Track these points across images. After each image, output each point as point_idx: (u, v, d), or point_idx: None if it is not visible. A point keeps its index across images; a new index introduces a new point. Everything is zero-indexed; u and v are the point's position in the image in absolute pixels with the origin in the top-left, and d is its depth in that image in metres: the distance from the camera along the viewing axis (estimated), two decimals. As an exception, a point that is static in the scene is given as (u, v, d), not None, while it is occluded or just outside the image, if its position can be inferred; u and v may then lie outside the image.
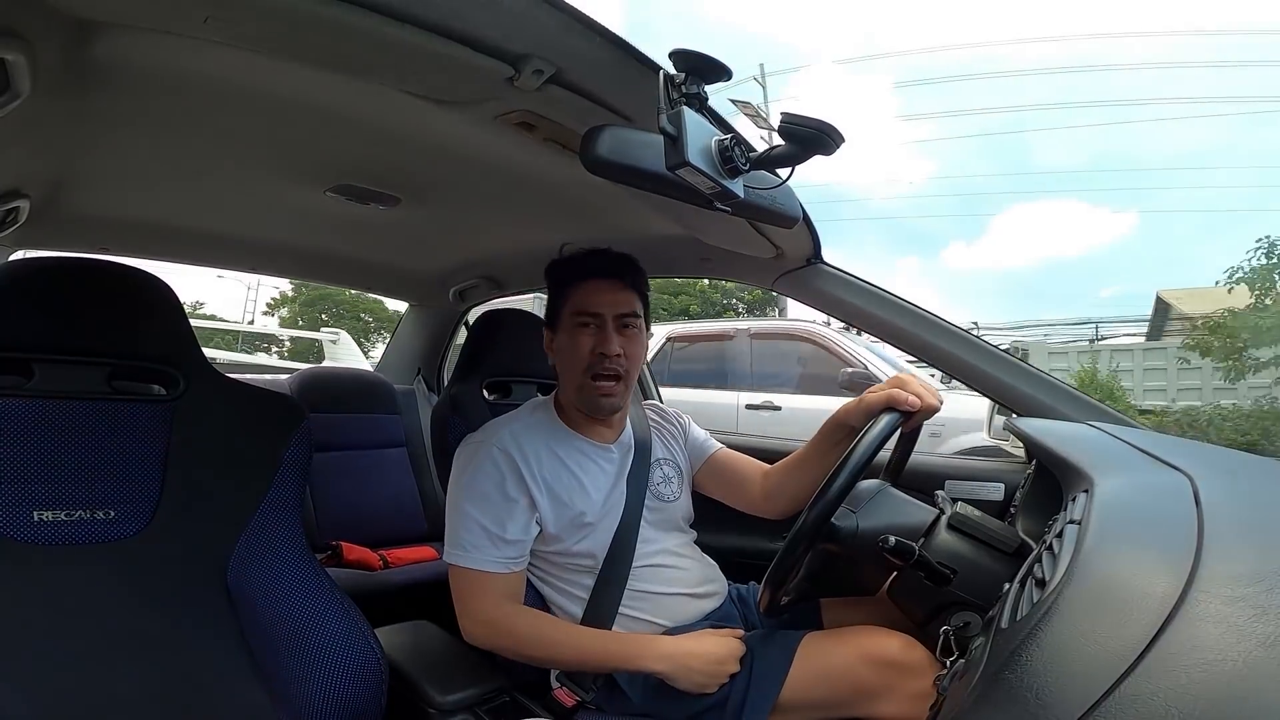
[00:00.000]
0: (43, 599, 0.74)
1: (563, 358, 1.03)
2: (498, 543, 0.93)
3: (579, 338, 1.00)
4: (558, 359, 1.05)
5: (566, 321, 1.02)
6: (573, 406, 1.05)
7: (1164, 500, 0.61)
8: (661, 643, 0.92)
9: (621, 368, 1.00)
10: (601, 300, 1.00)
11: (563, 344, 1.02)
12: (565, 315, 1.02)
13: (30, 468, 0.76)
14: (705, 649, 0.90)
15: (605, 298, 1.00)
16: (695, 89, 0.57)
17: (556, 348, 1.05)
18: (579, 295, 1.01)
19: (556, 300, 1.05)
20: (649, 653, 0.90)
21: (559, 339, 1.04)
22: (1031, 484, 1.03)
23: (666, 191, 0.61)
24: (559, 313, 1.04)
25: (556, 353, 1.05)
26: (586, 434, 1.06)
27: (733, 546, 1.30)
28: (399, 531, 1.88)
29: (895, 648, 0.86)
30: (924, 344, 1.18)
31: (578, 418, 1.06)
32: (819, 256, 1.19)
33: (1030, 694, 0.36)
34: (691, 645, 0.91)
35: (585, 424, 1.06)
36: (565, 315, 1.02)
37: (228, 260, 1.80)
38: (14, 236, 1.22)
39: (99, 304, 0.83)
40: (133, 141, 0.97)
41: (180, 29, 0.63)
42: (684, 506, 1.13)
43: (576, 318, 1.00)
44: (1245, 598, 0.38)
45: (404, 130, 0.91)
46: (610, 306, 1.00)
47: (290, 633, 0.83)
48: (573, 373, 1.01)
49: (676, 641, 0.92)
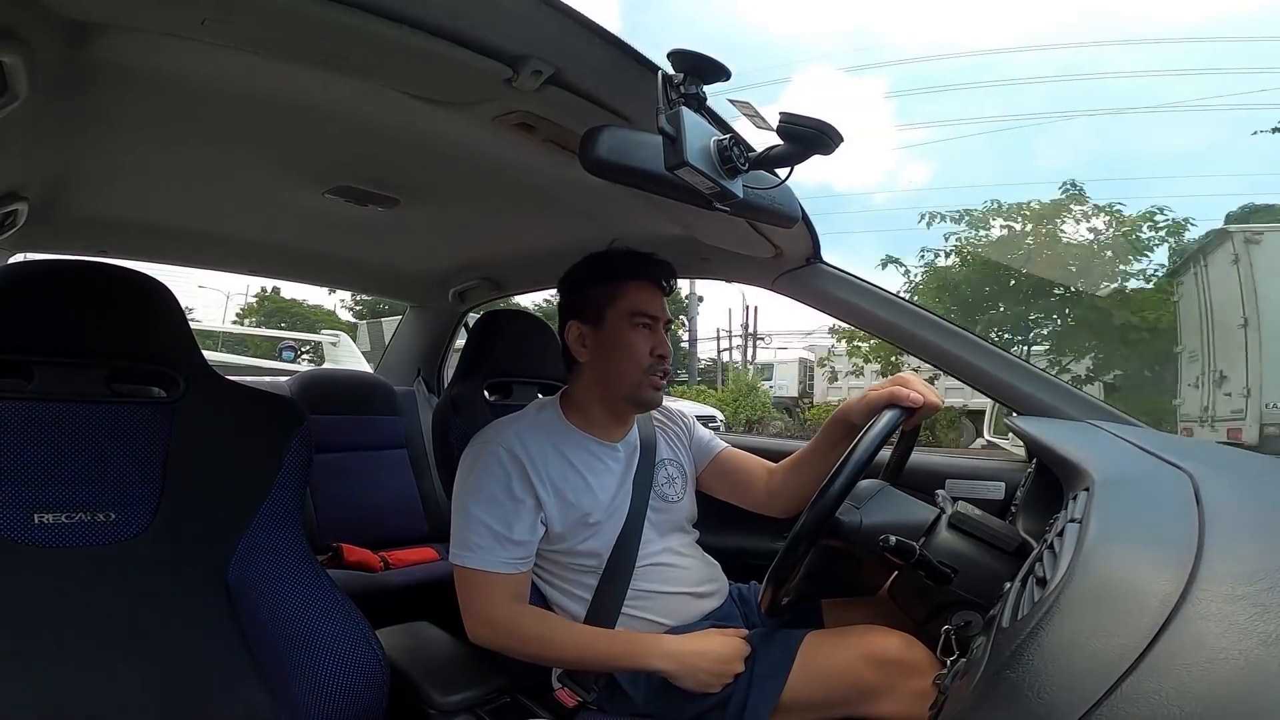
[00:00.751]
0: (44, 601, 0.74)
1: (613, 355, 1.01)
2: (504, 543, 0.93)
3: (635, 337, 1.01)
4: (599, 355, 1.03)
5: (620, 319, 1.01)
6: (598, 404, 1.05)
7: (1165, 499, 0.60)
8: (666, 642, 0.92)
9: (668, 368, 1.05)
10: (655, 303, 1.03)
11: (612, 341, 1.01)
12: (618, 312, 1.01)
13: (31, 470, 0.76)
14: (711, 648, 0.90)
15: (658, 301, 1.04)
16: (694, 89, 0.57)
17: (599, 344, 1.02)
18: (636, 295, 1.02)
19: (599, 295, 1.02)
20: (654, 651, 0.90)
21: (604, 335, 1.02)
22: (1032, 483, 1.03)
23: (665, 192, 0.61)
24: (602, 308, 1.02)
25: (598, 349, 1.03)
26: (594, 434, 1.05)
27: (734, 546, 1.30)
28: (399, 533, 1.88)
29: (895, 647, 0.86)
30: (924, 343, 1.18)
31: (587, 417, 1.05)
32: (818, 256, 1.19)
33: (1032, 693, 0.36)
34: (697, 644, 0.91)
35: (594, 424, 1.05)
36: (618, 312, 1.01)
37: (227, 262, 1.80)
38: (13, 239, 1.22)
39: (98, 306, 0.82)
40: (132, 144, 0.97)
41: (179, 31, 0.63)
42: (687, 507, 1.13)
43: (635, 317, 1.01)
44: (1247, 596, 0.38)
45: (403, 131, 0.91)
46: (663, 311, 1.04)
47: (291, 634, 0.83)
48: (629, 371, 1.01)
49: (681, 641, 0.92)
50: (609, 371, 1.03)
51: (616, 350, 1.01)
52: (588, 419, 1.05)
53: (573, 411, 1.06)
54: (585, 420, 1.05)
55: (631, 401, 1.04)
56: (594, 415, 1.05)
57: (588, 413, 1.05)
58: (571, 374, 1.08)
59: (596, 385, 1.04)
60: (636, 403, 1.04)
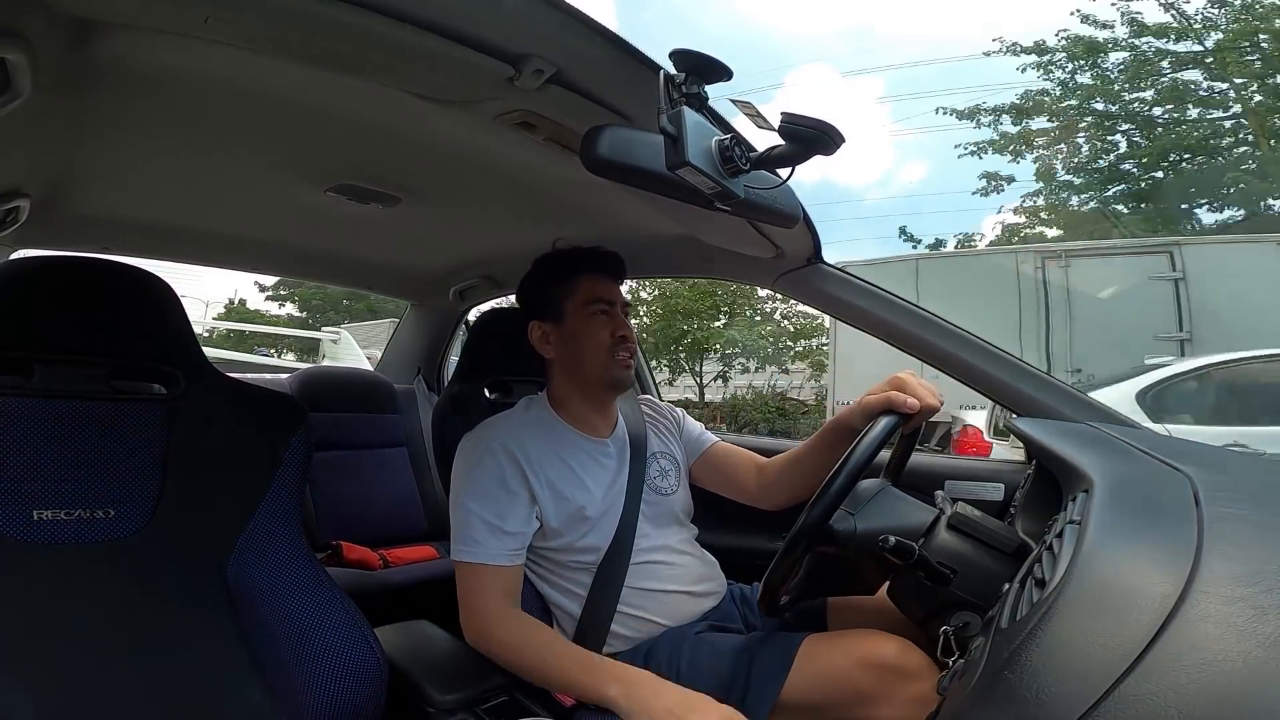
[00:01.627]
0: (43, 598, 0.74)
1: (576, 345, 1.05)
2: (498, 534, 0.94)
3: (595, 324, 1.04)
4: (564, 348, 1.06)
5: (577, 311, 1.05)
6: (577, 396, 1.07)
7: (1164, 501, 0.61)
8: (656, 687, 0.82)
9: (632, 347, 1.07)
10: (610, 290, 1.07)
11: (574, 332, 1.05)
12: (575, 305, 1.05)
13: (30, 467, 0.76)
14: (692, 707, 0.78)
15: (612, 288, 1.08)
16: (695, 89, 0.57)
17: (562, 338, 1.06)
18: (591, 285, 1.06)
19: (556, 293, 1.06)
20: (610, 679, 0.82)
21: (566, 329, 1.05)
22: (1031, 484, 1.03)
23: (667, 191, 0.61)
24: (561, 304, 1.06)
25: (562, 343, 1.06)
26: (583, 429, 1.07)
27: (734, 546, 1.30)
28: (399, 531, 1.88)
29: (892, 652, 0.85)
30: (924, 344, 1.17)
31: (575, 413, 1.07)
32: (819, 256, 1.19)
33: (1030, 693, 0.36)
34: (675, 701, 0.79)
35: (579, 418, 1.07)
36: (575, 305, 1.05)
37: (228, 260, 1.80)
38: (14, 236, 1.22)
39: (99, 303, 0.82)
40: (133, 141, 0.97)
41: (181, 29, 0.63)
42: (682, 499, 1.13)
43: (592, 305, 1.05)
44: (1245, 598, 0.38)
45: (404, 130, 0.91)
46: (618, 296, 1.08)
47: (290, 632, 0.83)
48: (595, 356, 1.04)
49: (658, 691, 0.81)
50: (577, 360, 1.06)
51: (579, 339, 1.05)
52: (572, 413, 1.07)
53: (558, 408, 1.08)
54: (570, 415, 1.07)
55: (604, 384, 1.07)
56: (576, 409, 1.08)
57: (570, 407, 1.08)
58: (546, 373, 1.11)
59: (569, 377, 1.07)
60: (609, 384, 1.07)
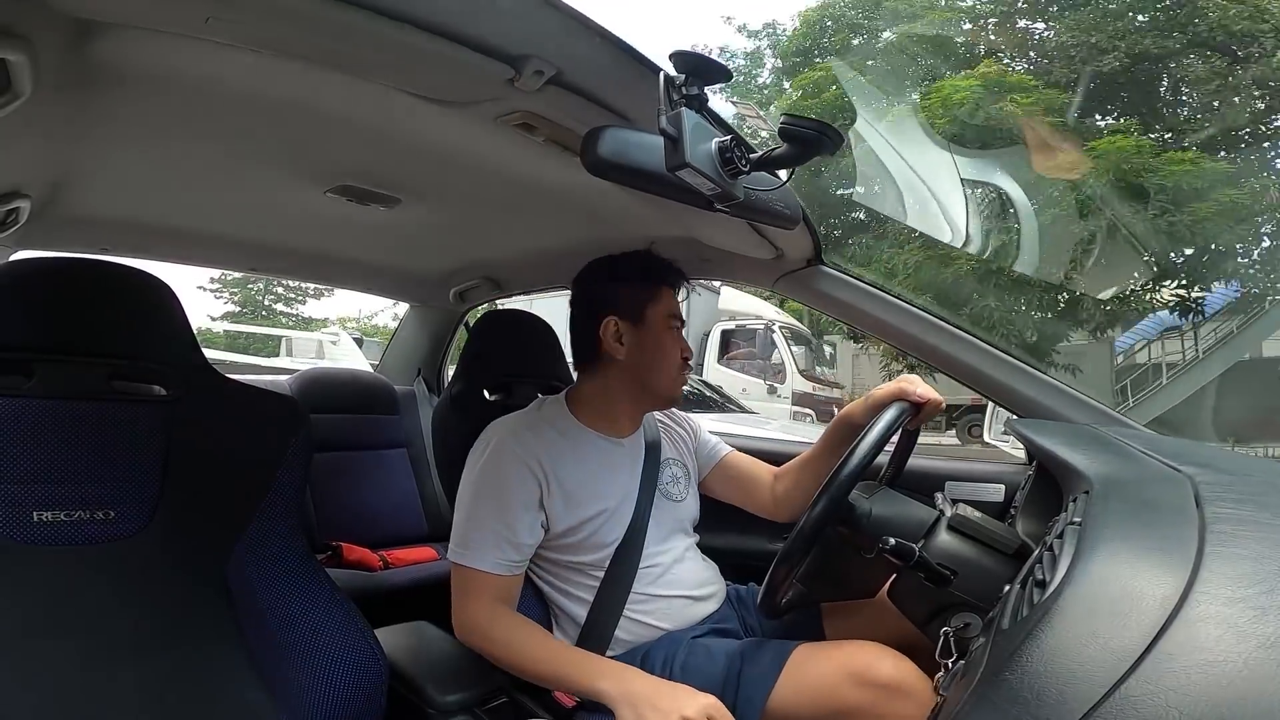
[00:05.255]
0: (42, 599, 0.74)
1: (652, 354, 1.04)
2: (503, 544, 0.93)
3: (670, 339, 1.06)
4: (638, 353, 1.03)
5: (659, 320, 1.05)
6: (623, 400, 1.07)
7: (1165, 502, 0.60)
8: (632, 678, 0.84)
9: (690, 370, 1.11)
10: (679, 309, 1.09)
11: (654, 341, 1.04)
12: (657, 314, 1.04)
13: (29, 468, 0.76)
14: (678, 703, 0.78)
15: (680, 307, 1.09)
16: (695, 90, 0.57)
17: (639, 342, 1.03)
18: (670, 299, 1.07)
19: (640, 294, 1.04)
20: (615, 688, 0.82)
21: (645, 334, 1.04)
22: (1032, 485, 1.03)
23: (667, 192, 0.61)
24: (644, 307, 1.04)
25: (637, 346, 1.03)
26: (603, 430, 1.06)
27: (732, 547, 1.30)
28: (399, 532, 1.88)
29: (885, 668, 0.82)
30: (925, 345, 1.18)
31: (601, 414, 1.06)
32: (820, 257, 1.19)
33: (1031, 695, 0.36)
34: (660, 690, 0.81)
35: (607, 420, 1.06)
36: (657, 314, 1.04)
37: (228, 261, 1.81)
38: (14, 237, 1.22)
39: (99, 304, 0.82)
40: (133, 142, 0.97)
41: (181, 29, 0.63)
42: (690, 509, 1.13)
43: (672, 320, 1.06)
44: (1246, 599, 0.38)
45: (404, 131, 0.91)
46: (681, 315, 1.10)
47: (290, 633, 0.83)
48: (668, 370, 1.06)
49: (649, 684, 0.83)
50: (648, 370, 1.04)
51: (656, 350, 1.04)
52: (601, 416, 1.06)
53: (582, 409, 1.06)
54: (596, 417, 1.05)
55: (665, 398, 1.09)
56: (611, 412, 1.06)
57: (604, 409, 1.06)
58: (590, 369, 1.07)
59: (629, 382, 1.05)
60: (669, 399, 1.10)
